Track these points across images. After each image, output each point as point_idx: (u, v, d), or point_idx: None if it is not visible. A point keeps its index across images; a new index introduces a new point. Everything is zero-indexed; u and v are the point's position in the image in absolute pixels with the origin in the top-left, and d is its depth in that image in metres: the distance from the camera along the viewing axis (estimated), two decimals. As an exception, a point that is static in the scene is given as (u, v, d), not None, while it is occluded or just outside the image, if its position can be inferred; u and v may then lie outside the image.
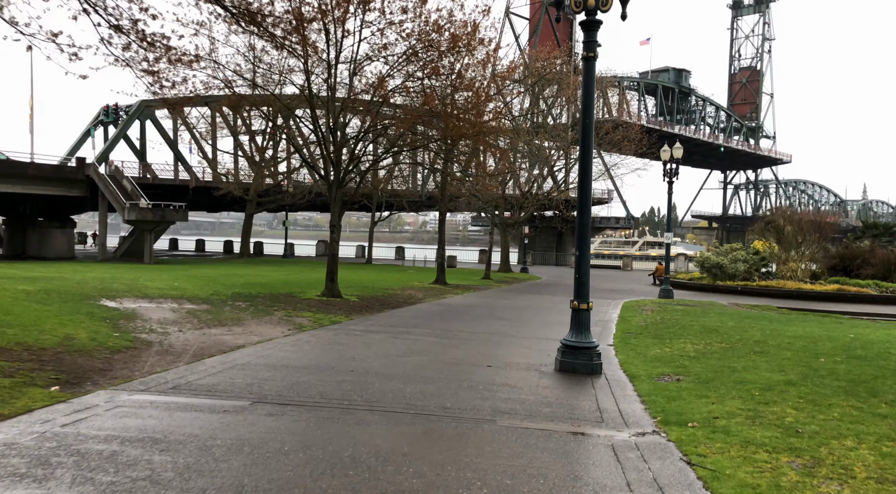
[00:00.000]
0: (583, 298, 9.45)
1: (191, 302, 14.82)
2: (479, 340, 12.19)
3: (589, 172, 9.36)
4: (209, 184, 54.63)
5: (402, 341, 11.49)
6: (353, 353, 9.95)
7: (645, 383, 8.65)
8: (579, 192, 9.45)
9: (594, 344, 9.41)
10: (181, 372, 7.89)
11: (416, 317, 15.42)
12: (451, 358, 9.95)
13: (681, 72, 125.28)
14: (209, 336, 10.90)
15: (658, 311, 20.00)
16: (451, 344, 11.43)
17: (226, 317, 13.00)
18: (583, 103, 9.37)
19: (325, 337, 11.55)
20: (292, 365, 8.67)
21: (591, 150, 9.31)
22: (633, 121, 54.42)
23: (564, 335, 13.57)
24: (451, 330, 13.48)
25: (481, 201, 41.99)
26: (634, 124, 49.94)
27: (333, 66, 15.61)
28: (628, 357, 10.95)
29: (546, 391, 7.97)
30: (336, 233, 18.15)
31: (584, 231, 9.48)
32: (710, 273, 33.08)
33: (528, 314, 17.68)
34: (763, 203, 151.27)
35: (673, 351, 11.57)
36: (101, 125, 60.50)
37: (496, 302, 20.82)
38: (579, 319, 9.41)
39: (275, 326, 12.49)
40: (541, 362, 10.09)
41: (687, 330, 14.58)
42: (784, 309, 23.93)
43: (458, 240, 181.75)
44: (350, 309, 16.03)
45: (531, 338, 12.87)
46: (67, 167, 48.38)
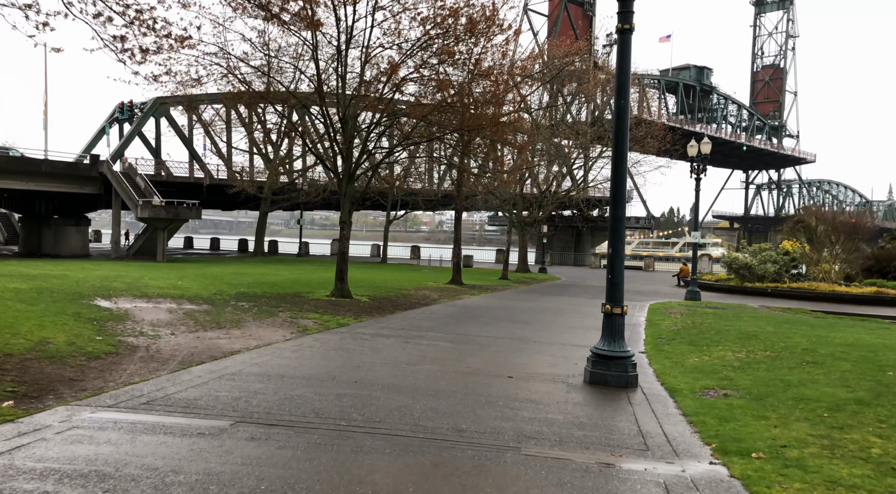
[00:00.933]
0: (616, 302, 8.40)
1: (191, 303, 13.96)
2: (497, 346, 11.17)
3: (624, 159, 8.30)
4: (223, 182, 54.12)
5: (413, 346, 10.50)
6: (358, 360, 8.97)
7: (688, 398, 7.57)
8: (613, 182, 8.39)
9: (629, 353, 8.35)
10: (161, 382, 6.96)
11: (429, 320, 14.44)
12: (468, 368, 8.94)
13: (702, 69, 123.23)
14: (203, 340, 9.99)
15: (688, 314, 18.85)
16: (468, 351, 10.42)
17: (225, 319, 12.10)
18: (617, 82, 8.32)
19: (330, 341, 10.59)
20: (289, 375, 7.71)
21: (626, 135, 8.24)
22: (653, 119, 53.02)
23: (590, 340, 12.66)
24: (468, 334, 12.47)
25: (499, 199, 40.93)
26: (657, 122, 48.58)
27: (343, 51, 14.67)
28: (664, 366, 9.87)
29: (576, 408, 6.93)
30: (346, 230, 17.21)
31: (618, 225, 8.43)
32: (737, 274, 31.71)
33: (549, 316, 16.62)
34: (786, 203, 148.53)
35: (713, 359, 10.46)
36: (117, 122, 60.28)
37: (515, 304, 19.77)
38: (612, 325, 8.35)
39: (277, 329, 11.56)
40: (567, 372, 9.04)
41: (723, 335, 13.44)
42: (818, 312, 22.64)
43: (474, 240, 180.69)
44: (360, 311, 15.08)
45: (555, 344, 11.82)
46: (81, 164, 48.05)
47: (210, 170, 57.62)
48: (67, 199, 49.88)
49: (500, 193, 41.15)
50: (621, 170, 8.32)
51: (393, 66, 14.01)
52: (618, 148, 8.29)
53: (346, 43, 14.84)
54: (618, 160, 8.30)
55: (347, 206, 16.70)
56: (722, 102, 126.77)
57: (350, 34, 14.76)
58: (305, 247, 61.10)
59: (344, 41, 14.66)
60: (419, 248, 61.33)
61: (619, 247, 8.45)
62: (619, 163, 8.31)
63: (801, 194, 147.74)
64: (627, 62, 8.24)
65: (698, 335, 13.63)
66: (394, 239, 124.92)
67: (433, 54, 14.32)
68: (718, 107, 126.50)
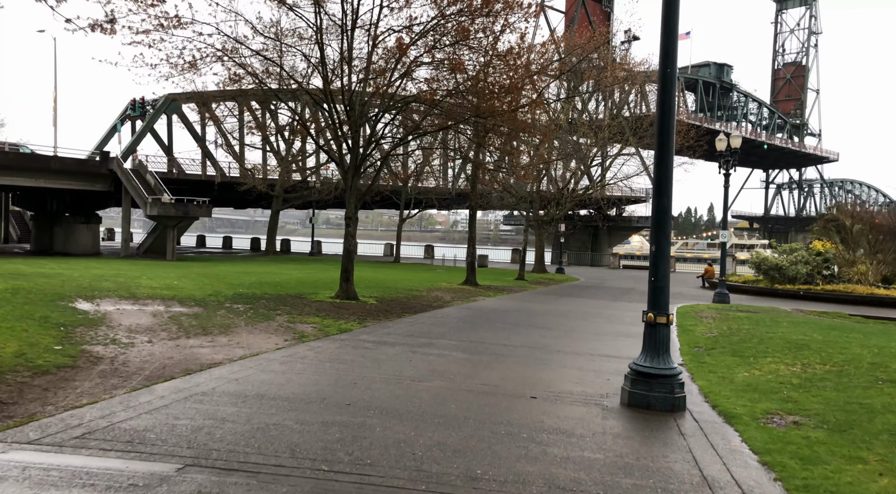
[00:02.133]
0: (661, 309, 7.07)
1: (181, 305, 12.80)
2: (516, 356, 9.86)
3: (669, 137, 6.96)
4: (235, 180, 53.28)
5: (421, 357, 9.23)
6: (356, 375, 7.72)
7: (751, 428, 6.23)
8: (657, 165, 7.06)
9: (675, 370, 7.02)
10: (112, 405, 5.75)
11: (440, 325, 13.15)
12: (483, 385, 7.65)
13: (722, 66, 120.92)
14: (183, 349, 8.79)
15: (720, 319, 17.42)
16: (483, 363, 9.13)
17: (214, 324, 10.91)
18: (662, 47, 6.98)
19: (328, 350, 9.35)
20: (270, 395, 6.47)
21: (672, 108, 6.91)
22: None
23: (620, 349, 11.26)
24: (483, 342, 11.17)
25: (515, 197, 39.58)
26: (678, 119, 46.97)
27: (349, 32, 13.44)
28: (711, 383, 8.51)
29: (618, 442, 5.62)
30: (352, 226, 15.98)
31: (663, 218, 7.10)
32: (767, 275, 30.10)
33: (571, 321, 15.27)
34: (807, 203, 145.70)
35: (765, 374, 9.09)
36: (129, 119, 59.78)
37: (533, 307, 18.44)
38: (656, 337, 7.02)
39: (269, 335, 10.34)
40: (600, 390, 7.72)
41: (768, 344, 12.03)
42: (857, 316, 21.13)
43: (489, 240, 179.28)
44: (365, 314, 13.83)
45: (581, 354, 10.49)
46: (90, 161, 47.38)
47: (222, 168, 56.90)
48: (78, 197, 49.38)
49: (517, 191, 39.83)
50: (667, 152, 6.99)
51: (401, 46, 12.74)
52: (663, 124, 6.96)
53: (351, 23, 13.63)
54: (663, 139, 6.97)
55: (353, 201, 15.47)
56: (742, 100, 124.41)
57: (356, 13, 13.55)
58: (318, 246, 60.12)
59: (350, 21, 13.44)
60: (433, 248, 60.04)
61: (663, 244, 7.12)
62: (665, 143, 6.97)
63: (823, 194, 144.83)
64: (674, 23, 6.91)
65: (740, 343, 12.24)
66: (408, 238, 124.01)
67: (446, 33, 13.04)
68: (738, 104, 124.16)
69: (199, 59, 12.93)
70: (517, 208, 47.43)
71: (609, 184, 47.24)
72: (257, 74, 13.90)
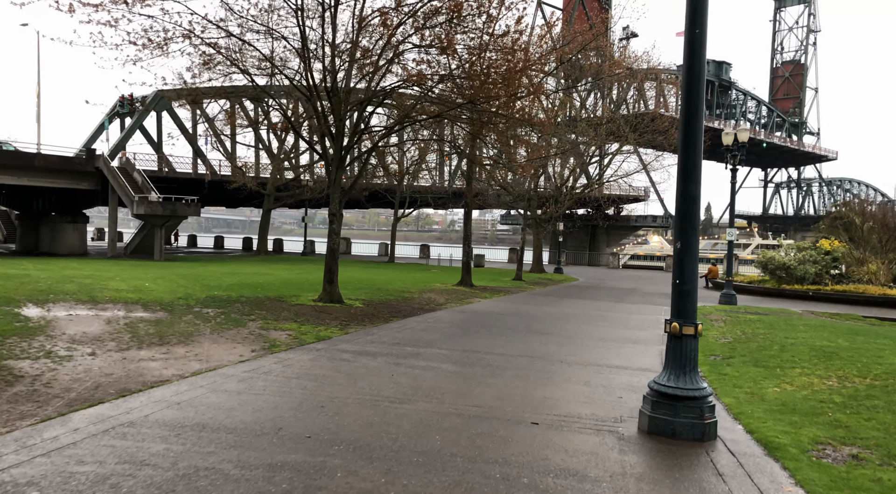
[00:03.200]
0: (687, 317, 5.91)
1: (145, 309, 11.61)
2: (515, 368, 8.69)
3: (699, 107, 5.79)
4: (225, 178, 52.06)
5: (405, 371, 8.05)
6: (325, 396, 6.54)
7: (804, 465, 5.06)
8: (683, 143, 5.89)
9: (706, 391, 5.85)
10: (3, 444, 4.56)
11: (431, 330, 11.98)
12: (475, 406, 6.49)
13: (721, 64, 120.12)
14: (129, 362, 7.60)
15: (732, 322, 16.29)
16: (476, 377, 7.96)
17: (175, 331, 9.72)
18: (689, 4, 5.81)
19: (298, 363, 8.17)
20: (214, 425, 5.29)
21: (701, 74, 5.73)
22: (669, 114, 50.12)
23: (629, 359, 9.83)
24: (477, 351, 10.00)
25: (512, 195, 38.41)
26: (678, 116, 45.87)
27: (332, 6, 12.25)
28: (739, 400, 7.36)
29: (642, 488, 4.46)
30: (336, 223, 14.79)
31: (690, 207, 5.93)
32: (773, 275, 28.98)
33: (573, 325, 14.11)
34: (805, 203, 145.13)
35: (798, 389, 7.94)
36: (118, 116, 58.56)
37: (532, 309, 17.27)
38: (682, 351, 5.86)
39: (235, 345, 9.15)
40: (613, 413, 6.56)
41: (792, 352, 10.89)
42: (872, 318, 20.09)
43: (486, 240, 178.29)
44: (349, 319, 12.64)
45: (587, 365, 9.33)
46: (76, 159, 46.10)
47: (213, 166, 55.70)
48: (64, 196, 48.17)
49: (514, 188, 38.67)
50: (695, 126, 5.82)
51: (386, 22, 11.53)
52: (690, 91, 5.79)
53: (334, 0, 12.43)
54: (691, 110, 5.80)
55: (337, 197, 14.27)
56: (741, 98, 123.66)
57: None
58: (311, 246, 58.95)
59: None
60: (429, 247, 58.87)
61: (690, 240, 5.95)
62: (693, 115, 5.81)
63: (822, 193, 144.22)
64: (704, -25, 5.75)
65: (760, 351, 11.09)
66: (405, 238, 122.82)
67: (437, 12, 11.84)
68: (737, 103, 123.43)
69: (166, 40, 11.75)
70: (514, 207, 46.27)
71: (608, 182, 46.13)
72: (231, 57, 12.71)
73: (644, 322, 15.76)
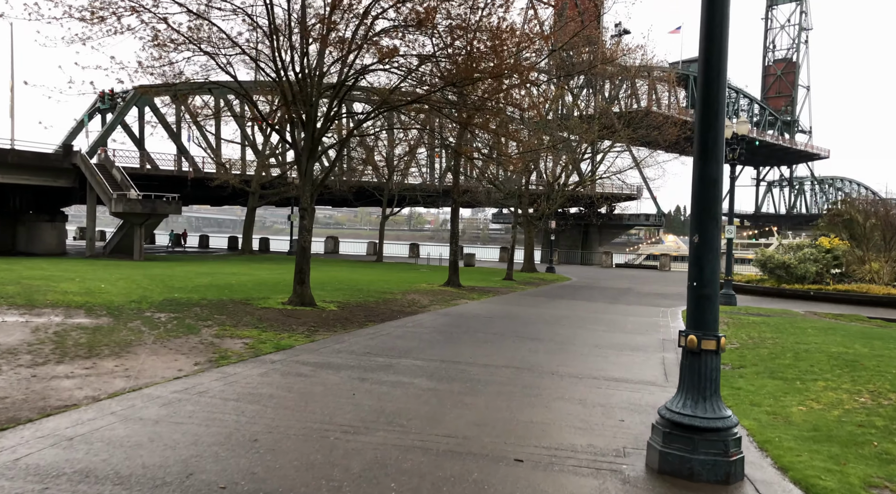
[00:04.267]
0: (708, 328, 4.76)
1: (88, 315, 10.38)
2: (499, 383, 7.54)
3: (721, 64, 4.63)
4: (208, 176, 50.70)
5: (370, 389, 6.87)
6: (263, 425, 5.35)
7: (862, 520, 3.93)
8: (702, 112, 4.73)
9: (731, 421, 4.70)
10: None
11: (409, 337, 10.80)
12: (448, 436, 5.32)
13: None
14: (38, 381, 6.39)
15: (735, 325, 15.21)
16: (453, 395, 6.79)
17: (111, 341, 8.50)
18: (710, -62, 4.66)
19: (244, 380, 6.97)
20: (100, 472, 4.09)
21: (725, 20, 4.57)
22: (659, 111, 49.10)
23: (629, 370, 8.55)
24: (458, 361, 8.83)
25: (502, 193, 37.28)
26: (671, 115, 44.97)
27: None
28: (761, 423, 6.22)
29: (661, 566, 3.30)
30: (307, 219, 13.57)
31: (710, 192, 4.77)
32: (773, 274, 27.95)
33: (565, 330, 12.96)
34: (797, 202, 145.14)
35: (827, 407, 6.83)
36: (99, 112, 57.05)
37: (522, 312, 16.12)
38: (701, 371, 4.71)
39: (177, 357, 7.94)
40: (614, 442, 5.41)
41: (808, 360, 9.80)
42: (878, 319, 19.15)
43: (478, 239, 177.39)
44: (318, 324, 11.43)
45: (581, 378, 8.17)
46: (52, 155, 44.63)
47: (196, 163, 54.36)
48: (42, 194, 46.72)
49: (505, 185, 37.54)
50: (716, 90, 4.67)
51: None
52: (711, 43, 4.63)
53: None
54: (711, 71, 4.64)
55: (308, 190, 13.06)
56: (733, 96, 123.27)
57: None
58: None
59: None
60: (418, 246, 57.64)
61: (710, 232, 4.80)
62: (714, 77, 4.65)
63: (814, 191, 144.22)
64: None
65: (773, 359, 9.99)
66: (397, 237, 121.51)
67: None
68: (730, 101, 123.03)
69: (112, 13, 10.51)
70: (505, 205, 45.15)
71: (602, 178, 45.04)
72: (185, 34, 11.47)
73: (642, 325, 14.65)
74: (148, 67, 13.08)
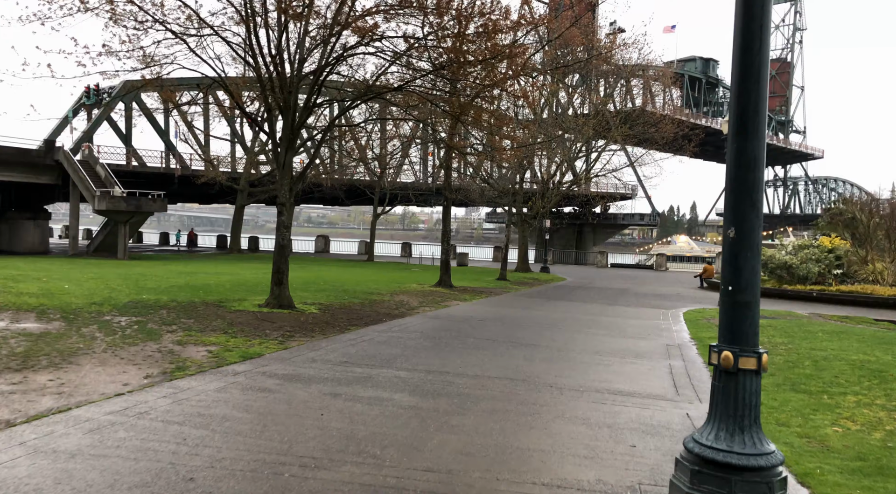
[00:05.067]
0: (746, 341, 3.86)
1: (38, 319, 9.42)
2: (491, 398, 6.63)
3: (764, 22, 3.75)
4: (196, 173, 49.66)
5: (342, 407, 5.95)
6: (206, 457, 4.43)
7: None
8: (740, 75, 3.84)
9: (776, 458, 3.80)
10: None
11: (393, 343, 9.88)
12: (429, 471, 4.41)
13: (708, 61, 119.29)
14: (-50, 399, 5.44)
15: (742, 329, 14.33)
16: (438, 415, 5.88)
17: (55, 350, 7.55)
18: None
19: (196, 397, 6.04)
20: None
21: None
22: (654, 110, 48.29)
23: (637, 382, 7.63)
24: (445, 371, 7.92)
25: (496, 191, 36.41)
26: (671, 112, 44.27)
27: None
28: (794, 449, 5.33)
29: None
30: (286, 215, 12.62)
31: (751, 176, 3.87)
32: (774, 275, 27.17)
33: (563, 334, 12.07)
34: (791, 202, 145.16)
35: (865, 428, 5.96)
36: (84, 108, 55.89)
37: (516, 314, 15.23)
38: (738, 395, 3.81)
39: (126, 369, 7.00)
40: (627, 477, 4.51)
41: (830, 370, 8.96)
42: (886, 322, 18.37)
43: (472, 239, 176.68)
44: (295, 329, 10.50)
45: (583, 391, 7.28)
46: (33, 151, 43.45)
47: (184, 160, 53.33)
48: (24, 191, 45.59)
49: (498, 183, 36.67)
50: (757, 44, 3.78)
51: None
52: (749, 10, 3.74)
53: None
54: (750, 22, 3.76)
55: (287, 184, 12.13)
56: (728, 95, 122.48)
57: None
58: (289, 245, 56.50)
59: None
60: (410, 245, 56.70)
61: (750, 222, 3.89)
62: (753, 30, 3.77)
63: (808, 191, 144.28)
64: None
65: (791, 368, 9.14)
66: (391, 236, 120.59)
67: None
68: (724, 100, 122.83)
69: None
70: (499, 203, 44.31)
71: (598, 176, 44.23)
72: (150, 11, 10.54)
73: (643, 328, 13.78)
74: (114, 52, 12.13)
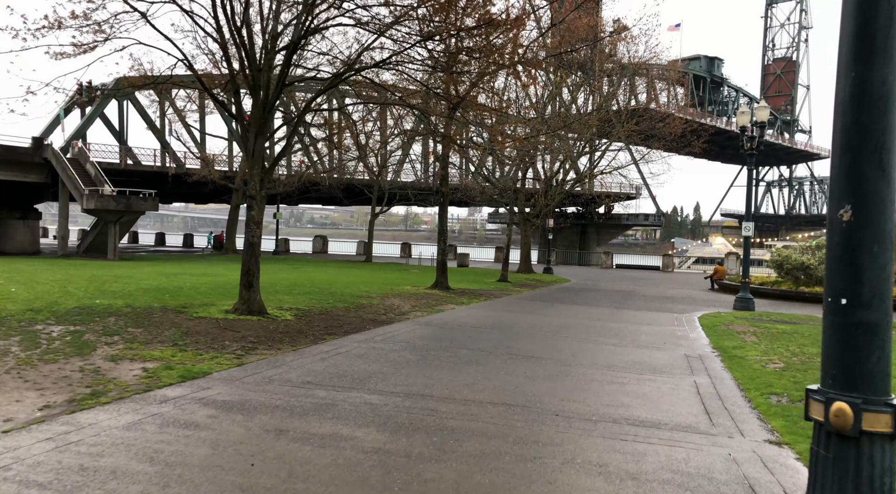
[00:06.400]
0: (869, 385, 2.43)
1: (-45, 328, 8.03)
2: (480, 436, 5.21)
3: None
4: (190, 171, 48.42)
5: (283, 451, 4.54)
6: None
7: None
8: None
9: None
10: None
11: (372, 356, 8.46)
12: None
13: (713, 60, 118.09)
14: None
15: (765, 336, 12.98)
16: (409, 463, 4.46)
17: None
18: None
19: (92, 438, 4.63)
20: None
21: None
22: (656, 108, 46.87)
23: (658, 402, 6.43)
24: (428, 394, 6.51)
25: (497, 189, 35.04)
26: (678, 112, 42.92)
27: None
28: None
29: None
30: (256, 210, 11.24)
31: (878, 122, 2.46)
32: (790, 276, 25.77)
33: (569, 343, 10.64)
34: (797, 202, 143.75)
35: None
36: (77, 106, 54.68)
37: (516, 320, 13.80)
38: (860, 472, 2.39)
39: (26, 395, 5.60)
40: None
41: None
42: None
43: (474, 239, 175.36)
44: (260, 339, 9.09)
45: (596, 421, 5.85)
46: (21, 149, 42.20)
47: (179, 158, 52.18)
48: (13, 190, 44.38)
49: (500, 182, 35.32)
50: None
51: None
52: None
53: None
54: None
55: (257, 174, 10.75)
56: (732, 95, 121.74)
57: None
58: (285, 245, 55.34)
59: None
60: (410, 246, 55.36)
61: (877, 193, 2.48)
62: None
63: (813, 191, 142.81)
64: None
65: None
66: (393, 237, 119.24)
67: None
68: (729, 99, 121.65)
69: None
70: (500, 202, 42.96)
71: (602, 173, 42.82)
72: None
73: (657, 336, 12.36)
74: (66, 26, 10.78)
